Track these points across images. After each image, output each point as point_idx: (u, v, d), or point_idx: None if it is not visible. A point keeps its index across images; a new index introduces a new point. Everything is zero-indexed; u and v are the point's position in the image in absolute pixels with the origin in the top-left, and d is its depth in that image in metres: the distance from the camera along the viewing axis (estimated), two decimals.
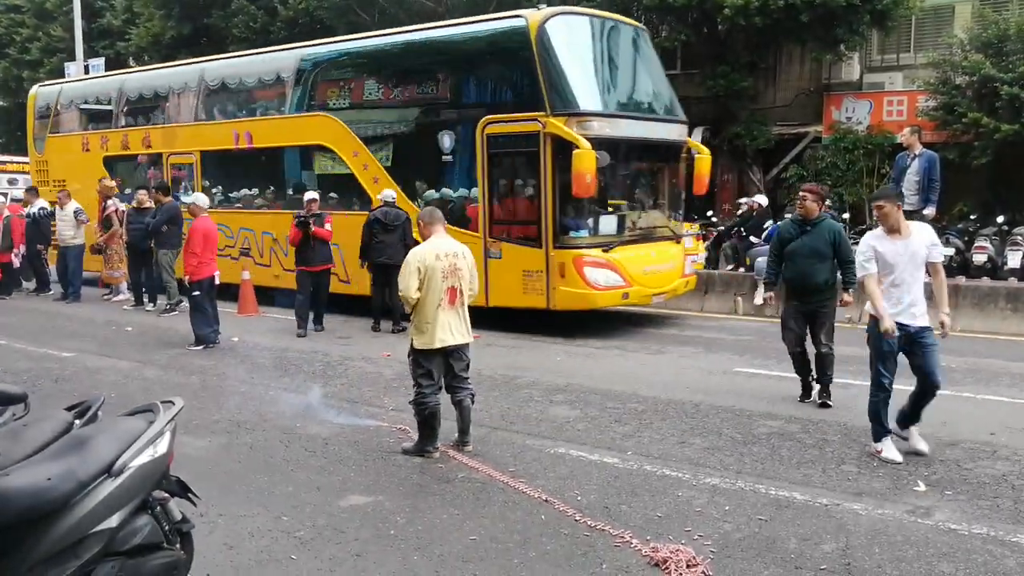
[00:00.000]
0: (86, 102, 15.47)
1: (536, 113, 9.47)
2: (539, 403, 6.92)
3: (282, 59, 12.64)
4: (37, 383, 7.61)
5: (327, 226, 10.26)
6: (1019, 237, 12.44)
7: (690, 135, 11.76)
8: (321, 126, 11.75)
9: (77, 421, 3.32)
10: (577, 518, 4.49)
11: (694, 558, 3.94)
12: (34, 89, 17.19)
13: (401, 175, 10.99)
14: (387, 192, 10.36)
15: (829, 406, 6.62)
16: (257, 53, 13.71)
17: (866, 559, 3.99)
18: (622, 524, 4.40)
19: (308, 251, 10.19)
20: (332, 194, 11.80)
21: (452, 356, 5.59)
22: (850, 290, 6.68)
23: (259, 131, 12.58)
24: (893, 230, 5.36)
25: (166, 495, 3.29)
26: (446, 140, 10.51)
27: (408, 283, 5.44)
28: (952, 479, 5.07)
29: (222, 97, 13.46)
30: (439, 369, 5.56)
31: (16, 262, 13.93)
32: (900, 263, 5.32)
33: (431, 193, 10.83)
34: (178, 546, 3.27)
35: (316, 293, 10.42)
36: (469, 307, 5.68)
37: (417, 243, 5.92)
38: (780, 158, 17.44)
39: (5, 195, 16.80)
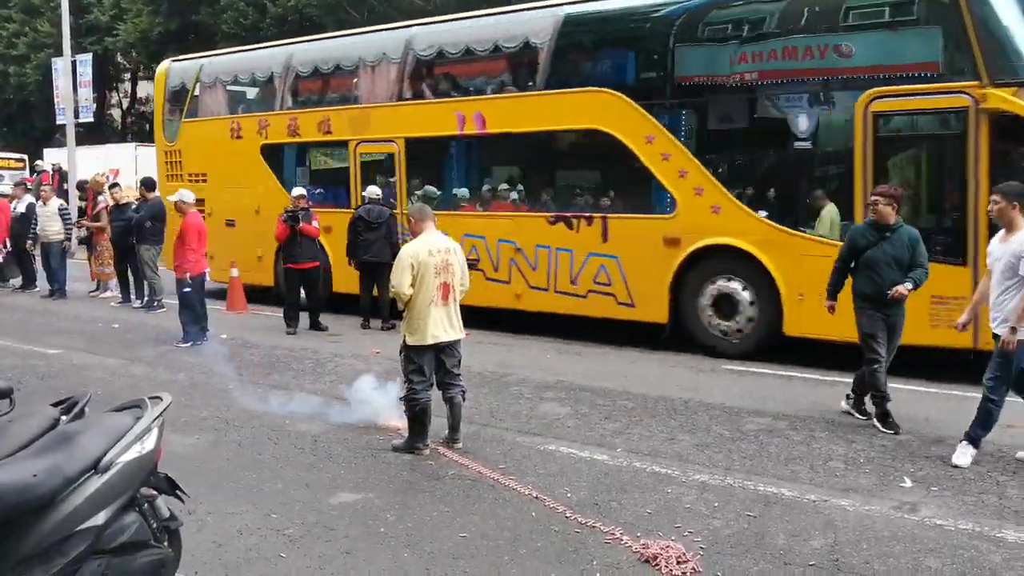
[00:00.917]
0: (236, 79, 12.81)
1: (964, 83, 7.21)
2: (529, 400, 6.92)
3: (533, 20, 9.86)
4: (22, 380, 7.53)
5: (315, 223, 10.22)
6: None
7: None
8: (595, 105, 9.12)
9: (63, 417, 3.28)
10: (567, 515, 4.49)
11: (684, 554, 3.96)
12: (164, 65, 13.91)
13: (722, 167, 8.67)
14: (371, 188, 10.28)
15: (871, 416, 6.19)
16: (493, 14, 10.75)
17: (854, 555, 4.01)
18: (612, 521, 4.40)
19: (295, 248, 10.11)
20: (611, 191, 9.55)
21: (444, 352, 5.59)
22: (908, 285, 5.96)
23: (497, 113, 9.90)
24: (1005, 229, 5.28)
25: (154, 492, 3.26)
26: (802, 121, 8.17)
27: (401, 279, 5.43)
28: (938, 475, 5.11)
29: (438, 70, 10.87)
30: (431, 365, 5.55)
31: None
32: (992, 264, 5.33)
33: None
34: (166, 544, 3.24)
35: (309, 293, 10.35)
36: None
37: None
38: None
39: None
